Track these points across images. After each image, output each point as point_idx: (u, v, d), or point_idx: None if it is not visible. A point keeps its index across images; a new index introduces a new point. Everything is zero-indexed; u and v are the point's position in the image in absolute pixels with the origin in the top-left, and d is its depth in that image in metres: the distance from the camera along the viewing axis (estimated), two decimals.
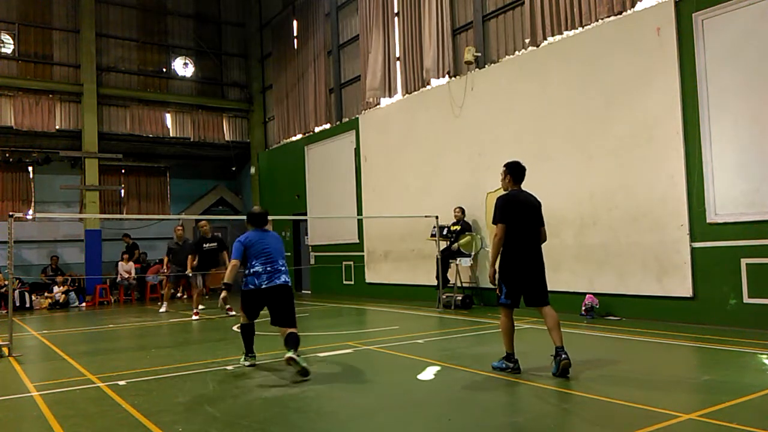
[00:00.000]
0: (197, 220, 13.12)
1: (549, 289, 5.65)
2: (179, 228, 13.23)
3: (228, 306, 12.12)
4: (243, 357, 6.46)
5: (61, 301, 15.33)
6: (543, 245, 5.69)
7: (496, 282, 5.59)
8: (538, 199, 5.82)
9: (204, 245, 12.16)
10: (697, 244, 8.19)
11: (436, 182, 12.65)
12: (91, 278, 16.41)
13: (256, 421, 4.37)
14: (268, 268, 6.18)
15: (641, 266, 8.82)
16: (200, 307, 12.15)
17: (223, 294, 6.30)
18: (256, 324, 6.46)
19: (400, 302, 12.83)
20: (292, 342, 5.79)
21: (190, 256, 12.12)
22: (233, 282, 6.28)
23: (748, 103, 7.73)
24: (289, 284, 6.24)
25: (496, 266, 5.60)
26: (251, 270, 6.23)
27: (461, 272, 11.63)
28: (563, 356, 5.27)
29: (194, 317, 11.47)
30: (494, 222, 5.62)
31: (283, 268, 6.26)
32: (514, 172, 5.80)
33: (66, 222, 17.98)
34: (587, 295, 9.30)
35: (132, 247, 17.75)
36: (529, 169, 5.29)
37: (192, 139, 19.52)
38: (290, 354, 5.63)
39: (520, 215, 5.58)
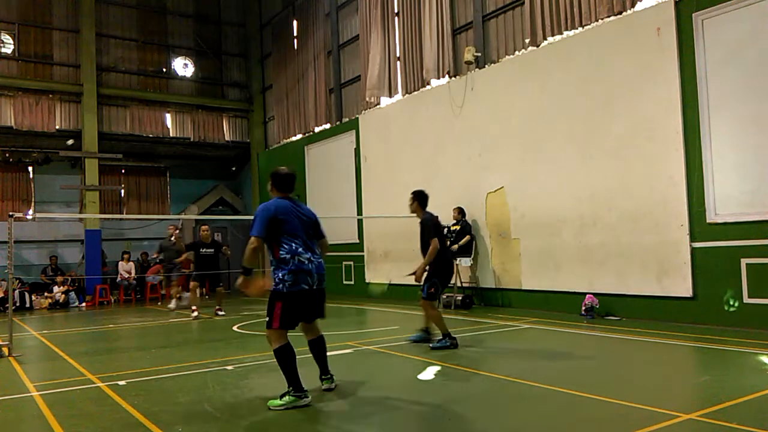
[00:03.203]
0: (197, 221, 13.35)
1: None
2: (171, 227, 13.67)
3: (218, 306, 12.04)
4: (288, 396, 4.57)
5: (61, 301, 15.33)
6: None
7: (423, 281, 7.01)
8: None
9: (201, 250, 12.21)
10: (697, 244, 8.19)
11: (436, 182, 12.63)
12: (91, 278, 16.41)
13: (256, 422, 4.37)
14: (312, 257, 4.68)
15: (641, 266, 8.82)
16: (172, 304, 12.83)
17: (240, 280, 4.68)
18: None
19: (400, 302, 12.83)
20: (321, 352, 5.09)
21: (186, 255, 12.49)
22: (251, 266, 4.67)
23: (748, 103, 7.72)
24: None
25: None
26: (294, 257, 4.56)
27: (461, 272, 11.63)
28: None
29: (193, 314, 11.50)
30: (431, 238, 6.91)
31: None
32: (422, 199, 7.28)
33: (66, 222, 17.98)
34: (587, 295, 9.29)
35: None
36: (528, 170, 5.50)
37: (192, 139, 19.51)
38: (326, 385, 5.05)
39: (440, 231, 7.22)
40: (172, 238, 13.77)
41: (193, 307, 11.61)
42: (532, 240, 10.57)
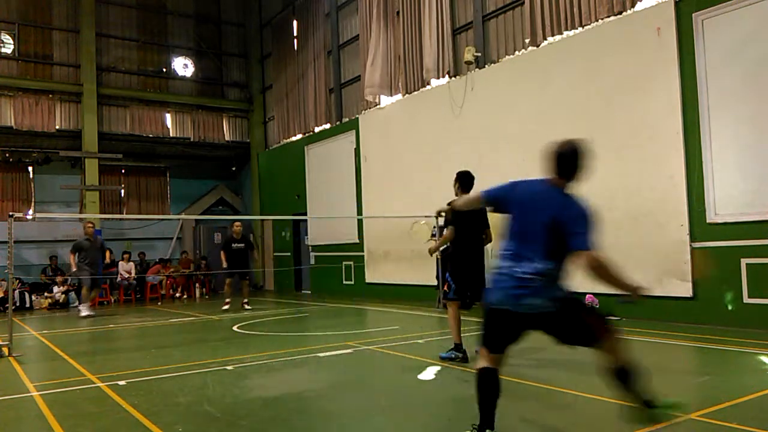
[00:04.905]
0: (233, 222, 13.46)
1: None
2: (90, 224, 13.29)
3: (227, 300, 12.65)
4: None
5: (61, 301, 15.33)
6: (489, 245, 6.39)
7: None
8: None
9: (233, 245, 12.92)
10: (697, 244, 8.19)
11: (436, 182, 12.62)
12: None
13: (256, 422, 4.37)
14: (516, 270, 3.34)
15: (641, 266, 8.80)
16: (244, 300, 12.90)
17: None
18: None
19: (400, 302, 12.83)
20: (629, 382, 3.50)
21: (222, 253, 12.93)
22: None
23: (748, 103, 7.72)
24: (552, 308, 3.47)
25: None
26: (500, 259, 3.42)
27: None
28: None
29: (224, 306, 12.55)
30: (446, 225, 6.27)
31: (531, 275, 3.35)
32: (464, 180, 6.52)
33: (66, 222, 17.96)
34: (587, 295, 9.28)
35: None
36: (529, 170, 5.34)
37: (192, 139, 19.52)
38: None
39: (466, 220, 6.15)
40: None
41: (227, 300, 12.77)
42: None
